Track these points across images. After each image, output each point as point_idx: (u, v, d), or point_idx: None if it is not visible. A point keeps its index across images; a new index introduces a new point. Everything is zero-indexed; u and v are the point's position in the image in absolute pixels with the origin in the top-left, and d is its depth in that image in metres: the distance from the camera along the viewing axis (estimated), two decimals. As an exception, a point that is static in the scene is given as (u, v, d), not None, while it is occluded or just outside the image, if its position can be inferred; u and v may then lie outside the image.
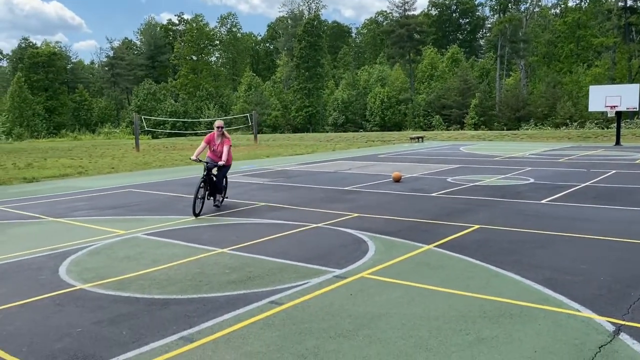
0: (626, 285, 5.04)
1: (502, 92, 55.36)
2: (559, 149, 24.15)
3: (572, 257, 6.11)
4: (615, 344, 3.80)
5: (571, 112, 44.92)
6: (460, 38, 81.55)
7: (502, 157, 20.27)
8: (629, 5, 50.32)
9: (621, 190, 11.16)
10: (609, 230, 7.38)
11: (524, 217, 8.58)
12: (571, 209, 9.27)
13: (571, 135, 34.72)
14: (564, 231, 7.43)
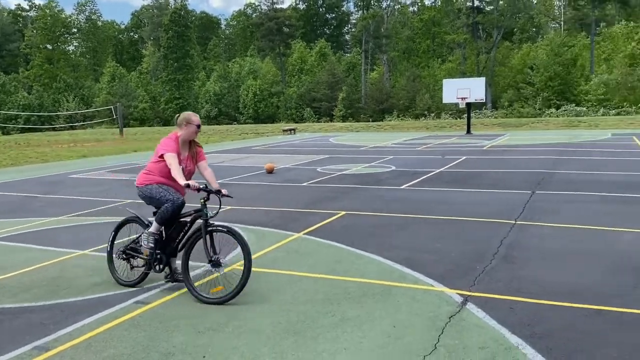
0: (473, 260, 5.58)
1: (367, 85, 57.98)
2: (418, 138, 25.91)
3: (428, 237, 6.63)
4: (463, 313, 4.20)
5: (429, 104, 48.37)
6: (327, 33, 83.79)
7: (367, 147, 21.29)
8: (475, 6, 55.20)
9: (471, 175, 12.28)
10: (461, 211, 8.11)
11: (386, 202, 9.12)
12: (428, 193, 10.03)
13: (429, 125, 37.43)
14: (421, 214, 8.03)
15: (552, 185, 10.23)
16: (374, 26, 57.50)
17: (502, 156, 16.05)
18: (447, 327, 3.95)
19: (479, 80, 28.33)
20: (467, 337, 3.74)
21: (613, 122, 32.53)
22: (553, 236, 6.46)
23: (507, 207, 8.24)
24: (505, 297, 4.49)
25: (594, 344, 3.56)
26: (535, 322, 3.94)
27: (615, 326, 3.83)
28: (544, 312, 4.15)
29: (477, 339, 3.72)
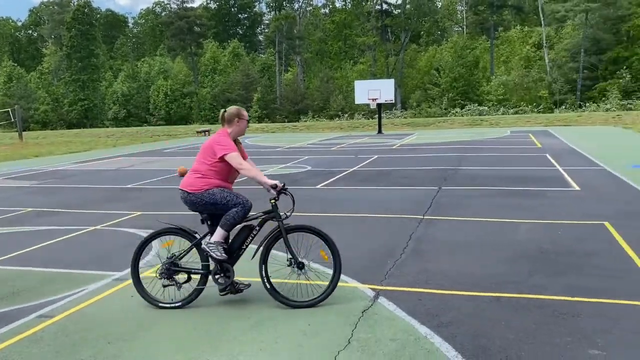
0: (384, 255, 5.78)
1: (282, 86, 58.12)
2: (332, 138, 26.35)
3: (342, 235, 6.76)
4: (375, 307, 4.35)
5: (342, 105, 49.31)
6: (240, 33, 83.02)
7: (283, 148, 21.36)
8: (384, 9, 56.96)
9: (382, 173, 12.68)
10: (373, 208, 8.36)
11: (301, 202, 9.18)
12: (342, 191, 10.25)
13: (343, 125, 38.15)
14: (336, 212, 8.19)
15: (457, 181, 10.80)
16: (286, 27, 57.75)
17: (411, 154, 16.70)
18: (360, 321, 4.07)
19: (388, 82, 29.27)
20: (379, 330, 3.88)
21: (512, 120, 34.82)
22: (458, 229, 6.84)
23: (416, 203, 8.61)
24: (414, 290, 4.70)
25: (494, 329, 3.82)
26: (442, 312, 4.16)
27: (512, 311, 4.13)
28: (450, 301, 4.39)
29: (389, 331, 3.87)
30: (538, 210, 7.74)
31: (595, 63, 44.15)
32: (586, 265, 5.17)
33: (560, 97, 43.04)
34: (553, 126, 29.30)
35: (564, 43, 46.81)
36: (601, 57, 44.04)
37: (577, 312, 4.07)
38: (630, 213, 7.37)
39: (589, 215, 7.30)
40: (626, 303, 4.21)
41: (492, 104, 43.92)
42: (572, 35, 46.49)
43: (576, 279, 4.80)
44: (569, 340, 3.60)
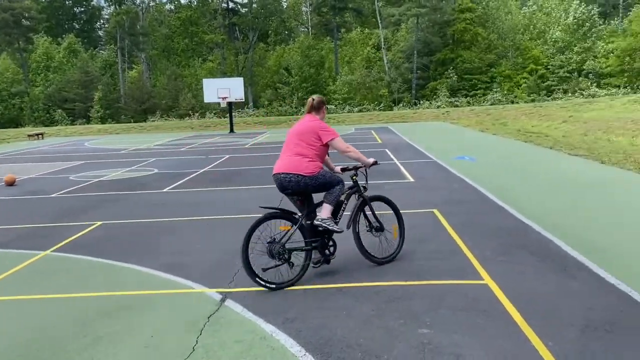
0: (233, 257, 5.74)
1: (126, 84, 54.98)
2: (182, 139, 25.60)
3: (190, 240, 6.60)
4: (221, 311, 4.30)
5: (192, 104, 48.06)
6: (77, 28, 76.68)
7: (128, 150, 20.25)
8: (231, 7, 56.59)
9: (235, 173, 12.61)
10: (224, 209, 8.28)
11: (148, 208, 8.81)
12: (192, 194, 9.99)
13: (194, 125, 37.23)
14: (184, 216, 7.96)
15: (306, 178, 11.11)
16: (129, 23, 54.67)
17: (263, 153, 16.84)
18: (206, 327, 4.00)
19: (237, 80, 29.20)
20: (224, 334, 3.85)
21: (356, 118, 36.77)
22: (305, 225, 7.03)
23: (266, 202, 8.67)
24: (261, 289, 4.73)
25: (337, 320, 3.99)
26: (288, 308, 4.25)
27: (353, 300, 4.36)
28: (297, 297, 4.50)
29: (235, 333, 3.85)
30: (378, 202, 8.25)
31: (426, 64, 48.28)
32: (418, 251, 5.63)
33: (399, 95, 46.38)
34: (392, 123, 31.53)
35: (400, 45, 50.51)
36: (431, 58, 48.29)
37: (409, 295, 4.41)
38: (454, 200, 8.19)
39: (421, 204, 7.97)
40: (450, 283, 4.67)
41: (338, 102, 45.93)
42: (406, 37, 50.33)
43: (409, 264, 5.21)
44: (402, 322, 3.89)
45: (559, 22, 46.26)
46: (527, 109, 32.24)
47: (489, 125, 24.90)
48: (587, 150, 13.67)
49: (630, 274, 4.69)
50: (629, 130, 17.68)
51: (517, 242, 5.81)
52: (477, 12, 48.22)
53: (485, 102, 41.46)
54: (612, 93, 35.64)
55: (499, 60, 46.46)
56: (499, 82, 44.71)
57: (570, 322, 3.78)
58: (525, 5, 54.63)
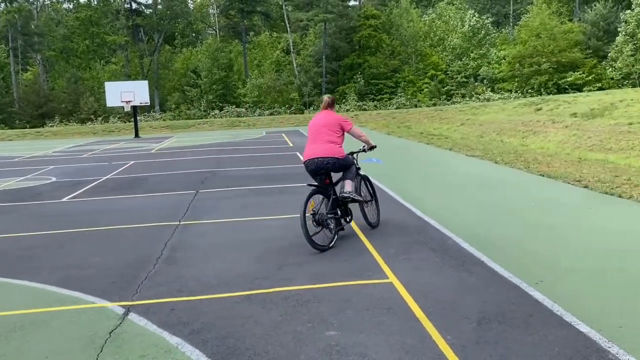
0: (137, 268, 5.52)
1: (20, 87, 51.22)
2: (84, 144, 24.28)
3: (89, 252, 6.26)
4: (124, 325, 4.12)
5: (95, 108, 45.74)
6: (-41, 24, 70.44)
7: (22, 158, 18.88)
8: (134, 8, 54.50)
9: (139, 179, 12.14)
10: (127, 219, 7.93)
11: (43, 219, 8.26)
12: (92, 203, 9.49)
13: (96, 130, 35.44)
14: (84, 227, 7.53)
15: (215, 183, 10.94)
16: (22, 22, 50.97)
17: (169, 158, 16.36)
18: (107, 343, 3.81)
19: (142, 83, 28.16)
20: (127, 349, 3.68)
21: (267, 121, 36.72)
22: (213, 232, 6.92)
23: (173, 209, 8.45)
24: (167, 300, 4.59)
25: (244, 328, 3.95)
26: (194, 319, 4.15)
27: (261, 307, 4.34)
28: (202, 307, 4.40)
29: (138, 348, 3.70)
30: (288, 206, 8.28)
31: (335, 68, 49.22)
32: (327, 253, 5.72)
33: (309, 99, 46.89)
34: (304, 126, 31.79)
35: (309, 50, 51.11)
36: (340, 63, 49.30)
37: (318, 298, 4.47)
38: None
39: (330, 207, 8.10)
40: (357, 283, 4.79)
41: (249, 105, 45.64)
42: (315, 42, 51.03)
43: (318, 267, 5.27)
44: (310, 325, 3.93)
45: (456, 30, 48.93)
46: (429, 112, 33.81)
47: (395, 128, 25.82)
48: (482, 151, 14.56)
49: (520, 267, 5.04)
50: (519, 132, 19.05)
51: (419, 240, 6.07)
52: (381, 19, 49.87)
53: (391, 105, 42.97)
54: (504, 97, 38.22)
55: (403, 66, 48.33)
56: (403, 87, 46.51)
57: (467, 315, 4.01)
58: (426, 13, 57.34)
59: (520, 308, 4.10)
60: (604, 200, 7.86)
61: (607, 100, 18.73)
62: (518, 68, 40.18)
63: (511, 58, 41.24)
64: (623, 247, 5.54)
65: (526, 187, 9.23)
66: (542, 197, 8.22)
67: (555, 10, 41.99)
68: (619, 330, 3.67)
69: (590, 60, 37.87)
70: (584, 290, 4.44)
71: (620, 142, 13.98)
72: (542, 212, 7.26)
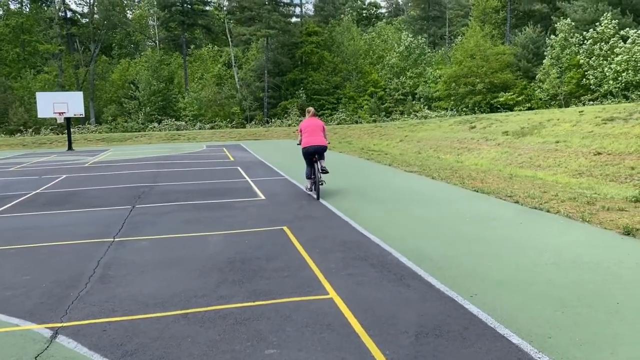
0: (67, 287, 5.27)
1: (-60, 95, 48.07)
2: (11, 157, 23.06)
3: (16, 271, 5.91)
4: (51, 349, 3.91)
5: (25, 119, 43.58)
6: None
7: (-58, 171, 17.68)
8: (69, 17, 52.64)
9: (71, 194, 11.63)
10: (57, 235, 7.56)
11: (-36, 237, 7.73)
12: (19, 219, 8.99)
13: (26, 142, 33.77)
14: (9, 244, 7.12)
15: (152, 198, 10.64)
16: (-57, 26, 48.11)
17: (105, 172, 15.79)
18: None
19: (76, 95, 27.14)
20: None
21: (208, 135, 36.22)
22: (149, 249, 6.71)
23: (107, 225, 8.14)
24: (99, 321, 4.40)
25: (180, 348, 3.84)
26: (128, 340, 3.99)
27: (198, 326, 4.23)
28: (137, 326, 4.25)
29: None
30: (228, 221, 8.18)
31: (278, 83, 49.30)
32: (267, 269, 5.67)
33: (250, 113, 46.66)
34: (245, 140, 31.60)
35: (251, 64, 51.00)
36: (282, 78, 49.46)
37: (257, 315, 4.41)
38: (303, 217, 8.42)
39: (271, 222, 8.06)
40: (297, 299, 4.76)
41: (189, 118, 44.87)
42: (257, 57, 50.99)
43: (257, 284, 5.21)
44: (249, 344, 3.87)
45: (394, 49, 50.27)
46: (369, 128, 34.43)
47: (336, 143, 26.10)
48: (420, 167, 14.96)
49: (455, 280, 5.18)
50: (454, 149, 19.72)
51: (359, 255, 6.12)
52: (323, 36, 50.53)
53: (333, 121, 43.43)
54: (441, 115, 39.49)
55: (344, 82, 49.07)
56: (344, 103, 47.18)
57: (405, 329, 4.07)
58: (366, 32, 58.63)
59: (456, 321, 4.21)
60: (534, 215, 8.23)
61: (536, 119, 19.73)
62: (454, 87, 41.68)
63: (447, 77, 42.74)
64: (551, 260, 5.81)
65: (461, 202, 9.54)
66: (476, 212, 8.51)
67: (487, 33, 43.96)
68: (548, 340, 3.83)
69: (520, 81, 39.80)
70: (515, 302, 4.61)
71: (548, 159, 14.74)
72: (476, 226, 7.51)
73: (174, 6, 53.50)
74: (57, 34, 50.70)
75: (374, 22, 64.26)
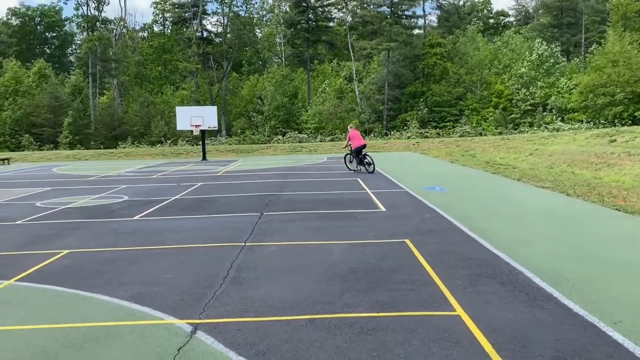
0: (204, 287, 5.66)
1: (97, 110, 54.33)
2: (154, 166, 25.31)
3: (160, 269, 6.48)
4: (192, 343, 4.22)
5: (165, 131, 47.68)
6: (47, 52, 76.00)
7: (97, 177, 19.90)
8: (205, 36, 56.92)
9: (205, 201, 12.50)
10: (194, 238, 8.16)
11: (116, 236, 8.63)
12: (162, 222, 9.83)
13: (165, 152, 36.90)
14: (154, 245, 7.82)
15: (278, 207, 11.09)
16: (101, 49, 54.34)
17: (235, 181, 16.76)
18: (176, 359, 3.91)
19: (211, 109, 29.15)
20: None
21: (328, 147, 36.99)
22: (277, 254, 7.00)
23: (238, 230, 8.63)
24: (233, 320, 4.67)
25: (309, 351, 3.95)
26: (260, 340, 4.19)
27: (325, 332, 4.32)
28: (268, 328, 4.44)
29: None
30: (349, 231, 8.29)
31: (398, 96, 49.18)
32: (390, 281, 5.65)
33: (369, 125, 46.97)
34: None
35: (371, 77, 51.41)
36: (403, 90, 49.25)
37: (382, 326, 4.41)
38: (425, 230, 8.27)
39: (392, 234, 8.02)
40: (423, 314, 4.69)
41: (310, 131, 46.22)
42: (378, 70, 51.29)
43: (381, 295, 5.21)
44: (375, 354, 3.87)
45: (524, 58, 47.84)
46: (495, 141, 33.02)
47: (458, 156, 25.37)
48: (553, 182, 14.03)
49: (596, 305, 4.78)
50: (592, 164, 18.25)
51: (487, 273, 5.88)
52: (446, 48, 49.56)
53: (454, 133, 42.30)
54: (575, 127, 36.79)
55: (466, 93, 47.64)
56: (467, 114, 45.76)
57: (540, 353, 3.83)
58: (492, 41, 56.46)
59: (597, 349, 3.88)
60: (689, 238, 7.36)
61: (690, 132, 17.67)
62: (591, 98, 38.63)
63: (583, 87, 39.75)
64: None
65: (601, 221, 8.79)
66: (617, 233, 7.80)
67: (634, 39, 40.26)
68: None
69: (670, 90, 35.89)
70: (669, 333, 4.15)
71: None
72: (619, 248, 6.87)
73: (299, 24, 55.66)
74: (195, 53, 54.98)
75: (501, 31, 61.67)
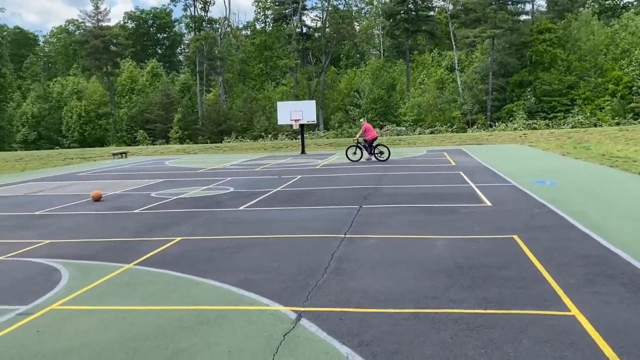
0: (307, 276, 5.77)
1: (203, 107, 57.27)
2: (256, 159, 26.24)
3: (265, 257, 6.70)
4: (297, 330, 4.31)
5: (266, 125, 49.26)
6: (159, 53, 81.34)
7: (205, 169, 20.98)
8: (304, 32, 57.91)
9: (305, 193, 12.74)
10: (296, 229, 8.36)
11: (224, 225, 9.05)
12: (265, 212, 10.17)
13: (267, 146, 38.10)
14: (259, 234, 8.10)
15: (377, 199, 11.04)
16: (207, 48, 57.18)
17: (333, 174, 16.93)
18: (282, 345, 4.02)
19: (310, 103, 29.64)
20: (300, 353, 3.84)
21: (428, 140, 36.24)
22: (378, 247, 6.97)
23: (338, 222, 8.70)
24: (336, 309, 4.71)
25: (412, 345, 3.89)
26: (362, 331, 4.20)
27: (429, 326, 4.24)
28: (370, 319, 4.44)
29: (310, 353, 3.84)
30: (453, 226, 8.05)
31: (503, 85, 46.99)
32: (498, 278, 5.42)
33: (472, 117, 45.36)
34: (466, 145, 30.80)
35: (474, 66, 49.55)
36: (508, 79, 46.97)
37: (490, 324, 4.23)
38: (535, 226, 7.83)
39: (499, 230, 7.68)
40: (533, 313, 4.44)
41: (409, 124, 45.53)
42: (481, 59, 49.32)
43: (488, 292, 5.01)
44: (483, 352, 3.73)
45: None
46: (612, 132, 30.56)
47: (570, 149, 23.77)
48: (681, 176, 12.71)
49: None
50: None
51: (605, 272, 5.46)
52: (557, 33, 46.56)
53: (566, 125, 39.69)
54: None
55: (579, 81, 44.49)
56: (580, 104, 42.75)
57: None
58: (608, 25, 52.15)
59: None
60: None
61: None
62: None
63: None
64: None
65: None
66: None
67: None
68: None
69: None
70: None
71: None
72: None
73: (398, 14, 54.89)
74: (294, 49, 56.15)
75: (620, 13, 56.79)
